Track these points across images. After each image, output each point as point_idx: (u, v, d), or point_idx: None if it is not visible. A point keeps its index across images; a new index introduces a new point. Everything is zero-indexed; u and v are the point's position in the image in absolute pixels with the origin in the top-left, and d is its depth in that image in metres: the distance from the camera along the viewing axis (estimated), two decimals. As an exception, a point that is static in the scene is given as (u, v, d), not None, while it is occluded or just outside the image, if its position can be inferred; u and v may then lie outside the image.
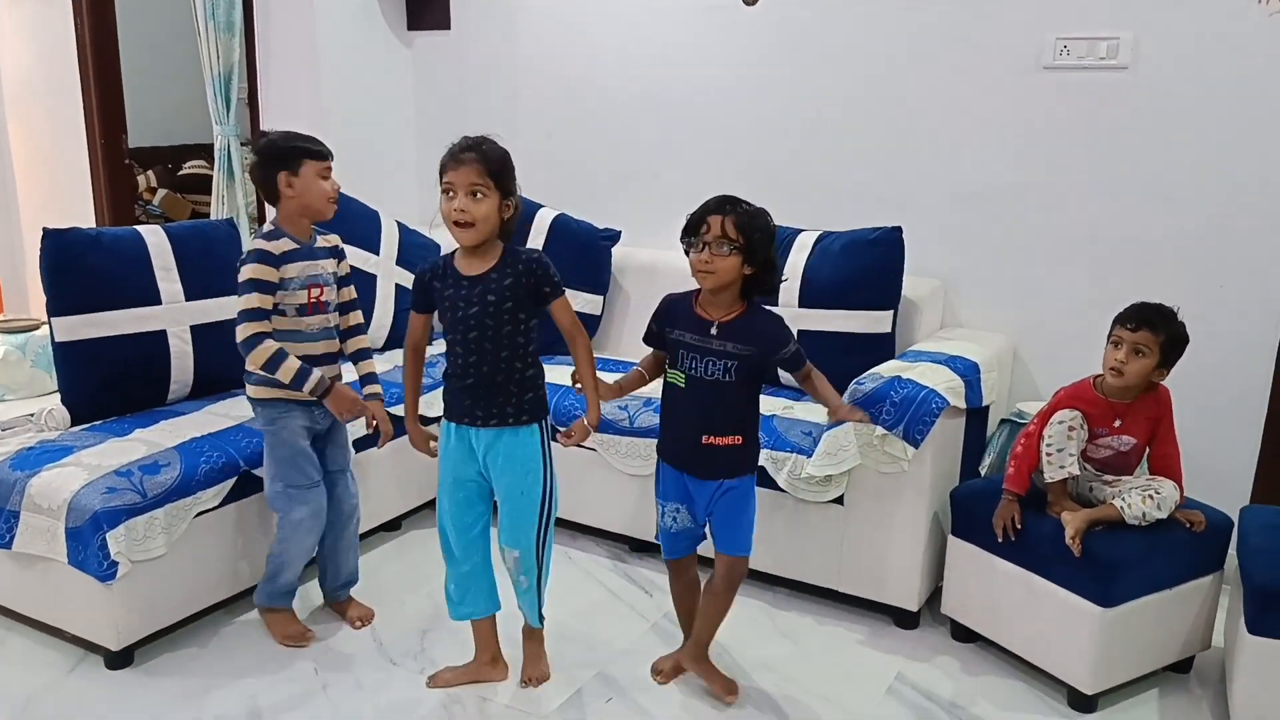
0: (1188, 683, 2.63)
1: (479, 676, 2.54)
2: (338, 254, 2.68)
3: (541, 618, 2.53)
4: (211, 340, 3.07)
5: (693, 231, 2.28)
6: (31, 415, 2.87)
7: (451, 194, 2.22)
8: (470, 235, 2.24)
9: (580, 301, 3.67)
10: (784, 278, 2.40)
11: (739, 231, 2.23)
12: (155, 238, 3.01)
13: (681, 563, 2.54)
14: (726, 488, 2.38)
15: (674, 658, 2.61)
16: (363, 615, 2.83)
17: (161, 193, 6.48)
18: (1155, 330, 2.46)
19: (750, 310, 2.33)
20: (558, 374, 3.45)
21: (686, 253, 2.31)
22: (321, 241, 2.64)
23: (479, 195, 2.20)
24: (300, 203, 2.55)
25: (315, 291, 2.59)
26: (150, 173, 6.56)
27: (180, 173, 6.68)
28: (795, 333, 3.14)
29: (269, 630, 2.74)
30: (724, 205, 2.27)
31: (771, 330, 2.35)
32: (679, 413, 2.41)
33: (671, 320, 2.40)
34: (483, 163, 2.21)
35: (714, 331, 2.31)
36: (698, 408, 2.36)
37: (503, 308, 2.27)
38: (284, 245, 2.55)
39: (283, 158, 2.54)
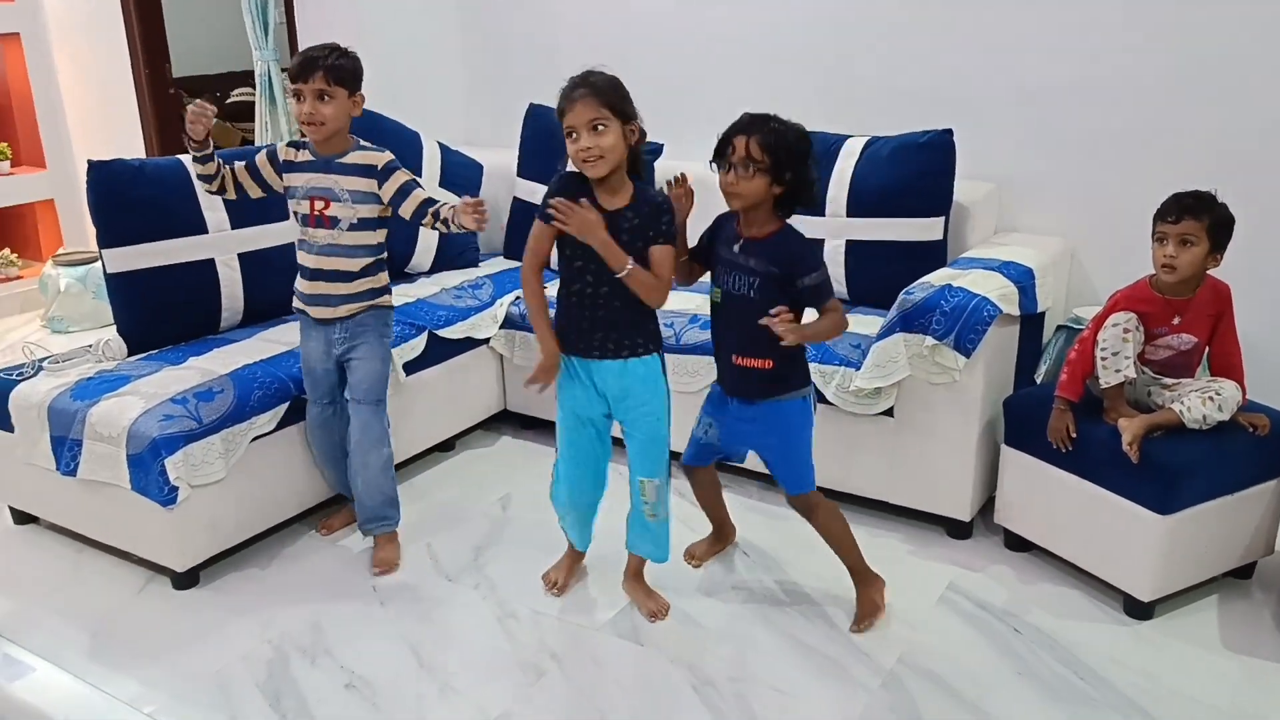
0: (1248, 589, 2.59)
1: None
2: (372, 173, 2.55)
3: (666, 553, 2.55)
4: (260, 268, 3.10)
5: (720, 153, 2.23)
6: (89, 346, 2.94)
7: (575, 135, 2.20)
8: (601, 167, 2.22)
9: (625, 217, 3.62)
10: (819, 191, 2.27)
11: (764, 151, 2.16)
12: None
13: (695, 470, 2.62)
14: (761, 412, 2.35)
15: (706, 543, 2.75)
16: (380, 561, 2.73)
17: (211, 121, 6.49)
18: (1198, 216, 2.38)
19: (783, 230, 2.26)
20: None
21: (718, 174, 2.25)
22: (356, 157, 2.56)
23: (600, 128, 2.18)
24: None
25: (320, 204, 2.56)
26: (199, 101, 6.57)
27: (229, 101, 6.69)
28: (843, 243, 3.11)
29: None
30: (751, 125, 2.19)
31: (798, 252, 2.24)
32: (716, 331, 2.40)
33: (717, 236, 2.37)
34: (596, 95, 2.18)
35: (738, 247, 2.27)
36: (729, 326, 2.35)
37: (635, 246, 2.27)
38: (293, 154, 2.61)
39: None
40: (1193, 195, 2.41)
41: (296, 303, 2.70)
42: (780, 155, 2.17)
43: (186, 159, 3.04)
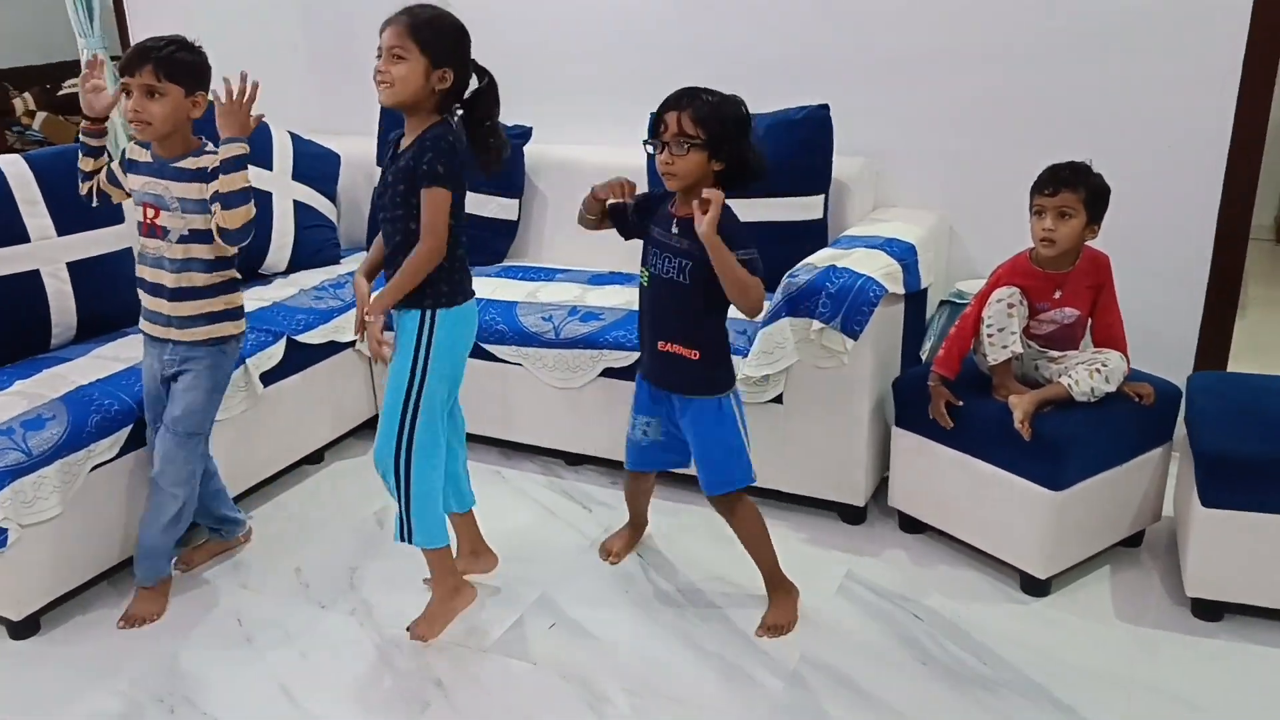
0: (1138, 556, 2.60)
1: (466, 568, 2.51)
2: (206, 178, 2.30)
3: (406, 536, 2.30)
4: (93, 277, 2.83)
5: (653, 132, 2.09)
6: (-103, 374, 2.62)
7: (379, 55, 2.10)
8: (388, 95, 2.09)
9: (495, 207, 3.46)
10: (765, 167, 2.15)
11: (698, 125, 2.03)
12: (15, 168, 2.73)
13: (638, 476, 2.55)
14: (684, 407, 2.27)
15: (622, 536, 2.66)
16: (128, 615, 2.47)
17: (41, 116, 6.05)
18: (1075, 189, 2.35)
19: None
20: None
21: (651, 156, 2.12)
22: (191, 162, 2.32)
23: (398, 57, 2.06)
24: None
25: (150, 213, 2.33)
26: (27, 95, 6.12)
27: (60, 93, 6.23)
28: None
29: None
30: (681, 99, 2.06)
31: (726, 231, 2.05)
32: (644, 315, 2.29)
33: (649, 213, 2.24)
34: (410, 25, 2.06)
35: (674, 229, 2.14)
36: (656, 309, 2.24)
37: (397, 189, 2.12)
38: (137, 153, 2.38)
39: None
40: (1068, 167, 2.39)
41: (140, 320, 2.46)
42: (715, 129, 2.04)
43: (2, 160, 2.75)
